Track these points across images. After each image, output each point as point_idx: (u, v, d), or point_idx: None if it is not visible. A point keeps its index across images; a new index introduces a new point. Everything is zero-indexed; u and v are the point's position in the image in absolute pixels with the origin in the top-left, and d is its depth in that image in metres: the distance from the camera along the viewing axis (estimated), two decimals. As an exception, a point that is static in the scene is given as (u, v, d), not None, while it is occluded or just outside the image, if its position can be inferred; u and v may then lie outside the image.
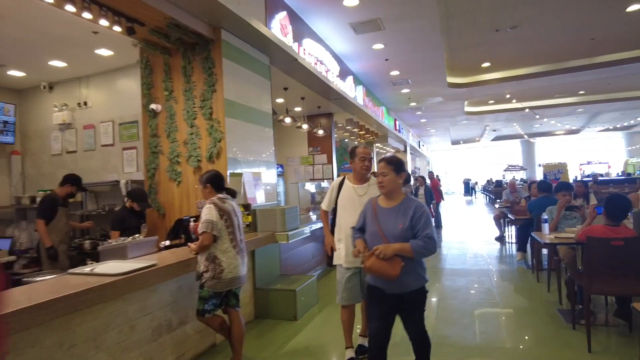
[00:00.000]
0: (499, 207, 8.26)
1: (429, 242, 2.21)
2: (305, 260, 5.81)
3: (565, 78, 11.35)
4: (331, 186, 3.30)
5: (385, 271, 2.18)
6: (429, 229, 2.25)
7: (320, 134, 8.66)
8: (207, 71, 4.21)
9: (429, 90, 11.53)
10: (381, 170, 2.38)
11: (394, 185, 2.37)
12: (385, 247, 2.19)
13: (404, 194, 2.39)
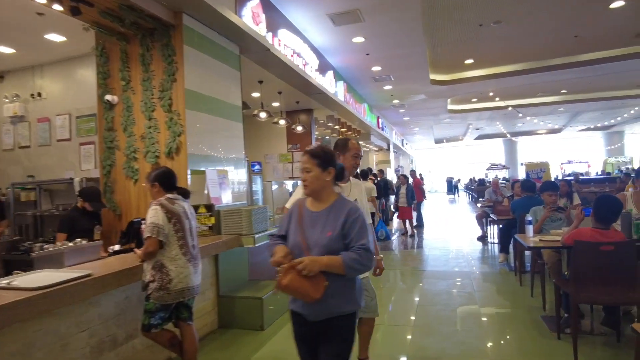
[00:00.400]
0: (481, 206, 8.09)
1: (364, 255, 1.75)
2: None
3: (547, 76, 11.28)
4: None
5: (306, 292, 1.71)
6: (364, 237, 1.78)
7: (299, 130, 8.33)
8: (167, 59, 3.85)
9: (411, 87, 11.30)
10: (304, 165, 1.89)
11: (320, 183, 1.87)
12: (312, 260, 1.72)
13: (336, 195, 1.93)
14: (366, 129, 13.43)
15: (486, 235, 8.31)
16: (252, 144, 9.81)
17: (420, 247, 8.04)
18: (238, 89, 4.75)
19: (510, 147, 30.03)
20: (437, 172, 33.92)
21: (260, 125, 9.46)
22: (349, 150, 2.75)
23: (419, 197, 10.76)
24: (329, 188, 1.91)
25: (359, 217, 1.83)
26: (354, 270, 1.76)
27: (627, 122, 23.30)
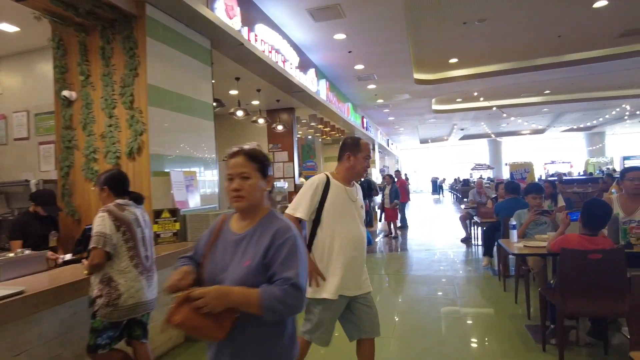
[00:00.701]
0: (465, 207, 7.95)
1: (290, 293, 1.27)
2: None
3: (531, 76, 11.24)
4: (310, 186, 2.37)
5: (205, 331, 1.28)
6: (292, 268, 1.31)
7: (279, 129, 8.08)
8: (128, 52, 3.57)
9: (395, 86, 11.14)
10: (237, 169, 1.43)
11: (258, 195, 1.45)
12: (217, 294, 1.26)
13: (267, 210, 1.49)
14: (350, 129, 13.24)
15: (470, 237, 8.18)
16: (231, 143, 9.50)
17: (404, 249, 7.86)
18: (209, 85, 4.49)
19: (494, 148, 30.22)
20: (423, 172, 33.98)
21: (239, 124, 9.19)
22: (361, 151, 2.44)
23: (404, 198, 10.60)
24: (262, 201, 1.49)
25: (288, 240, 1.35)
26: (274, 313, 1.28)
27: (607, 123, 23.62)
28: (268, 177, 1.52)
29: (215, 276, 1.38)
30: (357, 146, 2.44)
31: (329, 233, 2.36)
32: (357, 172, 2.46)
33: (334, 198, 2.37)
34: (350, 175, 2.45)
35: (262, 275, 1.34)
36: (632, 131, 27.86)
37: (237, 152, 1.49)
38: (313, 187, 2.36)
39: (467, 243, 8.04)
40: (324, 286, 2.32)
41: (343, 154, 2.46)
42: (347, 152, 2.42)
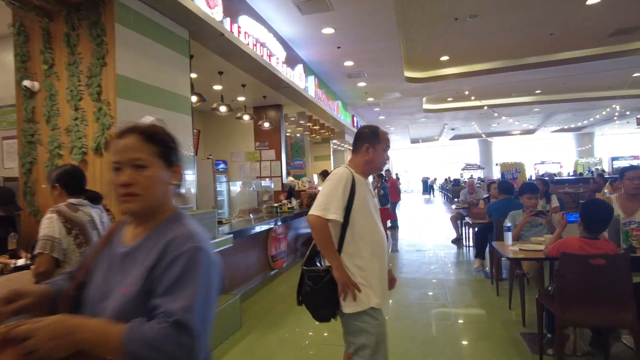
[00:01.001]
0: (456, 207, 7.77)
1: (170, 336, 0.84)
2: (236, 272, 4.99)
3: (523, 75, 11.12)
4: (339, 180, 2.05)
5: None
6: (181, 299, 0.89)
7: (266, 126, 7.82)
8: (96, 40, 3.29)
9: (386, 84, 10.95)
10: (129, 155, 1.04)
11: (159, 192, 1.07)
12: (57, 328, 0.82)
13: (169, 211, 1.10)
14: (340, 128, 13.02)
15: (461, 238, 8.01)
16: (217, 141, 9.24)
17: (394, 249, 7.65)
18: (187, 78, 4.22)
19: (485, 148, 30.26)
20: (413, 172, 33.94)
21: (225, 121, 8.91)
22: (381, 142, 2.16)
23: (395, 198, 10.41)
24: (166, 202, 1.09)
25: (182, 255, 0.95)
26: None
27: (597, 123, 23.75)
28: (174, 165, 1.12)
29: (95, 304, 0.99)
30: (375, 137, 2.17)
31: (361, 235, 2.05)
32: (377, 166, 2.22)
33: (361, 195, 2.08)
34: (369, 169, 2.20)
35: (143, 302, 0.93)
36: (620, 132, 28.09)
37: (129, 130, 1.07)
38: (343, 182, 2.04)
39: (458, 244, 7.87)
40: (366, 295, 2.00)
41: (360, 146, 2.18)
42: (365, 144, 2.15)
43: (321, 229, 2.00)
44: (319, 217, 2.00)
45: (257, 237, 5.52)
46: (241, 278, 5.02)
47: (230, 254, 4.64)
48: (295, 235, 7.18)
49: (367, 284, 2.01)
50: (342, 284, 1.95)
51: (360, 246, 2.05)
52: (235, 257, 4.89)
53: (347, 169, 2.11)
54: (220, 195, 8.79)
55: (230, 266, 4.78)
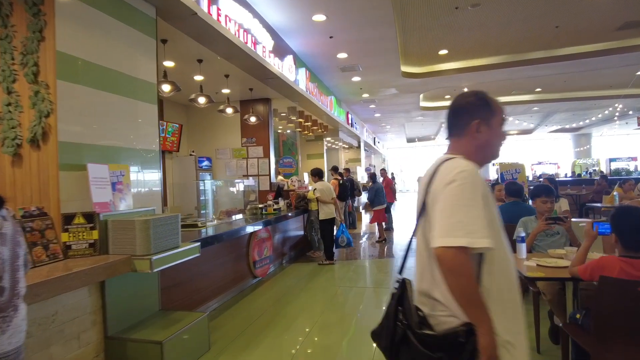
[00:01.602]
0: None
1: None
2: (207, 285, 4.46)
3: (524, 72, 10.66)
4: (476, 183, 1.31)
5: None
6: None
7: (252, 121, 7.28)
8: (32, 9, 2.75)
9: (382, 79, 10.44)
10: None
11: None
12: None
13: None
14: (334, 125, 12.50)
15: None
16: (201, 136, 8.69)
17: (389, 255, 7.15)
18: (152, 62, 3.67)
19: (481, 148, 29.83)
20: (409, 171, 33.51)
21: (211, 115, 8.37)
22: (496, 114, 1.46)
23: (390, 198, 9.91)
24: None
25: None
26: None
27: (594, 124, 23.40)
28: None
29: None
30: (487, 107, 1.45)
31: (500, 266, 1.34)
32: (493, 153, 1.49)
33: (491, 204, 1.38)
34: (484, 158, 1.48)
35: None
36: (618, 133, 27.79)
37: None
38: (480, 187, 1.32)
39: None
40: None
41: (467, 123, 1.46)
42: (475, 119, 1.44)
43: (466, 269, 1.23)
44: (463, 249, 1.22)
45: (236, 243, 5.00)
46: (213, 291, 4.49)
47: (199, 264, 4.11)
48: (283, 238, 6.66)
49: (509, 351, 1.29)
50: (488, 358, 1.21)
51: (502, 285, 1.34)
52: (206, 267, 4.36)
53: (471, 165, 1.36)
54: (204, 194, 8.26)
55: (199, 278, 4.25)
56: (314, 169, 6.73)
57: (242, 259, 5.14)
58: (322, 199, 6.38)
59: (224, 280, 4.69)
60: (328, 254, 6.39)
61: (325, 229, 6.41)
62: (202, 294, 4.25)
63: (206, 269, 4.36)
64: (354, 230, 10.49)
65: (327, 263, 6.33)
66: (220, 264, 4.63)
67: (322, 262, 6.36)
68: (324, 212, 6.42)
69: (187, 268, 3.91)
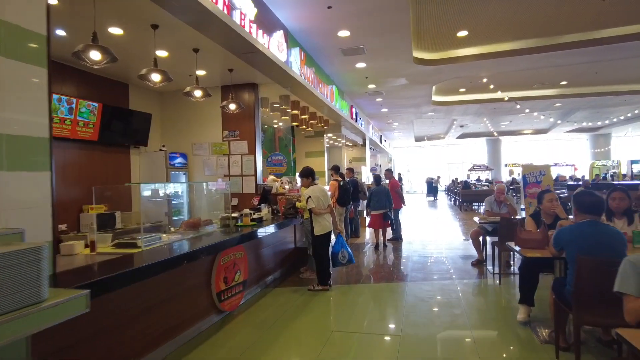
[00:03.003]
0: (479, 221, 5.93)
1: None
2: (147, 329, 3.16)
3: (552, 59, 9.27)
4: None
5: None
6: None
7: (230, 109, 5.97)
8: None
9: (390, 66, 9.10)
10: None
11: None
12: None
13: None
14: (336, 119, 11.16)
15: (484, 260, 6.18)
16: (176, 128, 7.39)
17: (397, 277, 5.79)
18: (42, 7, 2.37)
19: (493, 147, 28.40)
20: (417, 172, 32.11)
21: (187, 104, 7.08)
22: None
23: (397, 203, 8.57)
24: None
25: None
26: None
27: (615, 124, 21.91)
28: None
29: None
30: None
31: None
32: None
33: None
34: None
35: None
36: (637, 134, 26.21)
37: None
38: None
39: (480, 267, 6.05)
40: None
41: None
42: None
43: None
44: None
45: (191, 269, 3.69)
46: (149, 342, 3.14)
47: (125, 304, 2.79)
48: (265, 256, 5.35)
49: None
50: None
51: None
52: (136, 308, 3.03)
53: None
54: (178, 198, 6.97)
55: (125, 327, 2.90)
56: (304, 169, 5.39)
57: (201, 290, 3.83)
58: (317, 210, 5.03)
59: (170, 323, 3.37)
60: (322, 278, 5.05)
61: (319, 246, 5.07)
62: (127, 348, 2.94)
63: (138, 311, 3.06)
64: (357, 239, 9.15)
65: (320, 289, 5.00)
66: (162, 301, 3.32)
67: (313, 288, 5.03)
68: (319, 225, 5.06)
69: (102, 314, 2.60)
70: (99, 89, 6.19)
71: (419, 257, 6.97)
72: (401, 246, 8.15)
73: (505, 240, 5.01)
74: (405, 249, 7.80)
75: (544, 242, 3.32)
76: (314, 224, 5.06)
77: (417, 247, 7.95)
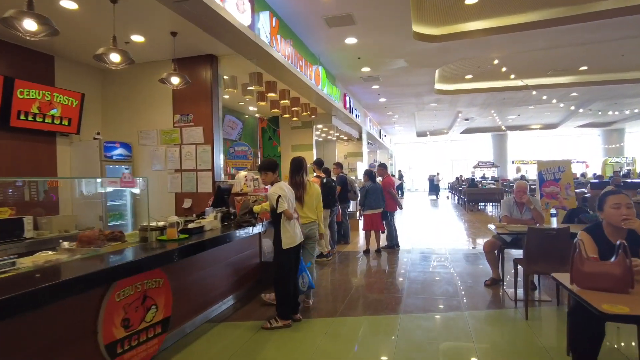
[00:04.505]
0: (496, 230, 4.53)
1: None
2: None
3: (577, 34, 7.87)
4: None
5: None
6: None
7: (173, 84, 4.59)
8: None
9: (386, 42, 7.71)
10: None
11: None
12: None
13: None
14: (326, 108, 9.78)
15: (501, 280, 4.82)
16: (119, 113, 6.04)
17: (388, 305, 4.43)
18: None
19: (499, 143, 26.94)
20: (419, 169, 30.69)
21: (131, 82, 5.73)
22: None
23: (391, 206, 7.20)
24: None
25: None
26: None
27: (630, 118, 20.44)
28: None
29: None
30: None
31: None
32: None
33: None
34: None
35: None
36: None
37: None
38: None
39: (496, 288, 4.70)
40: None
41: None
42: None
43: None
44: None
45: (54, 315, 2.35)
46: None
47: None
48: (210, 278, 4.00)
49: None
50: None
51: None
52: None
53: None
54: (120, 198, 5.63)
55: None
56: (265, 160, 4.01)
57: (78, 344, 2.48)
58: (290, 213, 3.65)
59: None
60: (282, 311, 3.68)
61: (284, 264, 3.70)
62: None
63: None
64: (346, 246, 7.79)
65: (280, 326, 3.63)
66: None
67: (270, 325, 3.66)
68: (289, 235, 3.69)
69: None
70: (7, 60, 4.85)
71: (417, 273, 5.60)
72: (397, 256, 6.78)
73: (535, 258, 3.64)
74: (402, 261, 6.42)
75: (626, 280, 1.95)
76: (282, 233, 3.67)
77: (415, 258, 6.57)
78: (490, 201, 15.09)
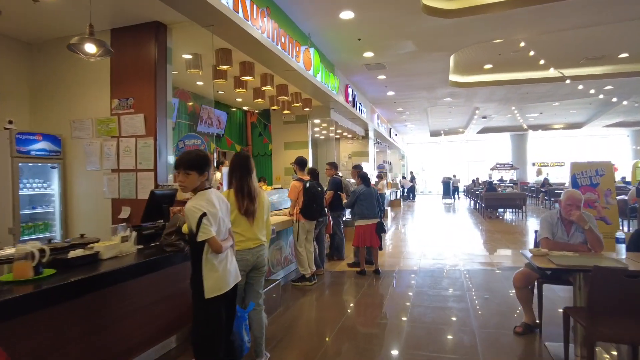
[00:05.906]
0: (534, 262, 3.13)
1: None
2: None
3: (619, 6, 6.42)
4: None
5: None
6: None
7: (89, 53, 3.34)
8: None
9: (390, 19, 6.39)
10: None
11: None
12: None
13: None
14: (323, 100, 8.50)
15: (537, 326, 3.47)
16: (50, 98, 4.85)
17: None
18: None
19: (518, 144, 25.24)
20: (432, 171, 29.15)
21: (65, 61, 4.55)
22: None
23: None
24: None
25: None
26: None
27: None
28: None
29: None
30: None
31: None
32: None
33: None
34: None
35: None
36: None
37: None
38: None
39: (531, 333, 3.37)
40: None
41: None
42: None
43: None
44: None
45: None
46: None
47: None
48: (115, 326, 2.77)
49: None
50: None
51: None
52: None
53: None
54: (44, 204, 4.44)
55: None
56: (185, 153, 2.65)
57: None
58: (217, 243, 2.31)
59: None
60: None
61: (210, 320, 2.37)
62: None
63: None
64: (339, 263, 6.50)
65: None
66: None
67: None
68: (215, 277, 2.24)
69: None
70: None
71: (423, 309, 4.27)
72: (402, 280, 5.45)
73: (604, 315, 2.31)
74: (403, 292, 5.06)
75: None
76: (205, 274, 2.34)
77: (423, 285, 5.21)
78: (511, 207, 13.58)
